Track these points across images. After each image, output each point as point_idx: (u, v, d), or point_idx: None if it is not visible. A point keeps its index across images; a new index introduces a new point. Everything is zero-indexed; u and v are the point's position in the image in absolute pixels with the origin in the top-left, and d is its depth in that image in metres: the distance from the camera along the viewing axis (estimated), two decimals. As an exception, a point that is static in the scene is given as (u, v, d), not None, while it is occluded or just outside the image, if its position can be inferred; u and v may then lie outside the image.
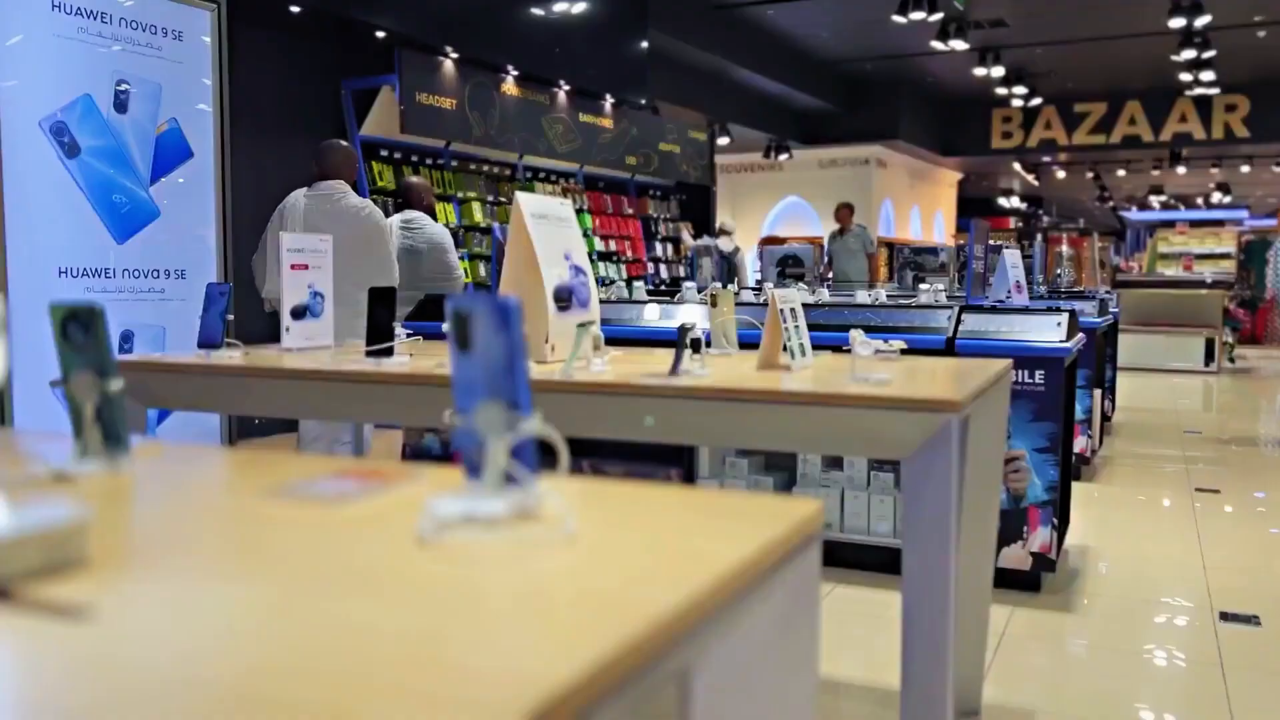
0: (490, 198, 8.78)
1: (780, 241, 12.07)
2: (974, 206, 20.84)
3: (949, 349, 3.40)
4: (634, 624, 0.59)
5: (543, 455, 0.88)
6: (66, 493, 0.92)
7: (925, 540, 1.67)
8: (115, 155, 3.72)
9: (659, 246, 11.19)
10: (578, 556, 0.75)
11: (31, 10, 3.48)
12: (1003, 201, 22.55)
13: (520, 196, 2.35)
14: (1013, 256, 4.18)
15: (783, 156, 14.81)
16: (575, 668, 0.52)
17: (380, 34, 7.08)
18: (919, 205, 17.40)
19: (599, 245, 9.99)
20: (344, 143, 4.36)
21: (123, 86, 3.73)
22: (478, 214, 8.50)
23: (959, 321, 3.49)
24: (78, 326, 1.02)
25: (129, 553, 0.76)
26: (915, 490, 1.67)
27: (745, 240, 13.12)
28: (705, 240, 9.47)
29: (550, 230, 2.45)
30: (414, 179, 5.29)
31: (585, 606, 0.65)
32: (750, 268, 10.74)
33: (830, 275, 8.73)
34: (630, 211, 10.80)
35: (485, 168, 8.90)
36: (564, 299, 2.32)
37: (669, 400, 1.81)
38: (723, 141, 12.94)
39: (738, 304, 4.03)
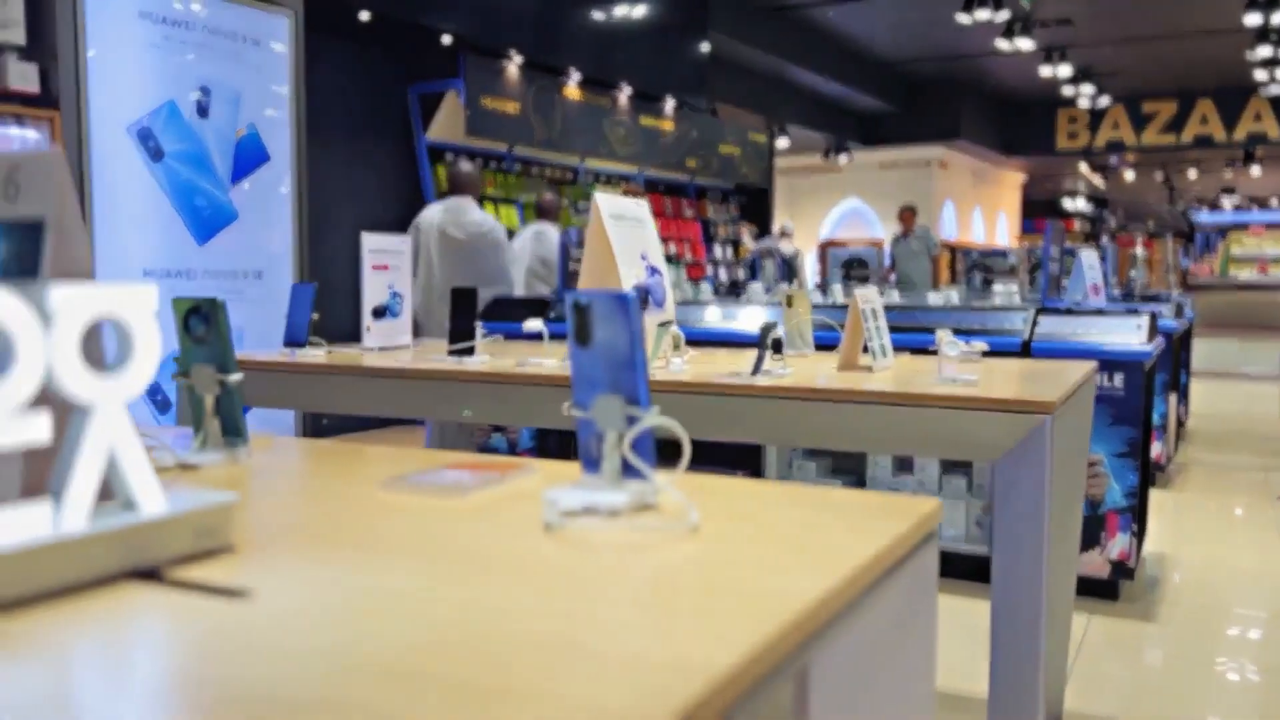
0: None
1: (840, 244, 11.98)
2: (1037, 208, 20.49)
3: (1024, 352, 3.35)
4: (780, 614, 0.59)
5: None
6: (193, 482, 0.95)
7: (1016, 545, 1.65)
8: (197, 159, 3.82)
9: (718, 249, 11.17)
10: (706, 547, 0.76)
11: (120, 19, 3.58)
12: (1067, 203, 22.13)
13: (598, 197, 2.36)
14: (1090, 258, 4.10)
15: (842, 158, 14.69)
16: (734, 655, 0.53)
17: (446, 39, 7.17)
18: (981, 207, 17.15)
19: (658, 248, 9.99)
20: (470, 164, 5.06)
21: (203, 94, 3.83)
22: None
23: (1035, 324, 3.43)
24: (199, 320, 1.05)
25: (268, 538, 0.78)
26: (1006, 494, 1.65)
27: (803, 243, 13.05)
28: (767, 242, 9.44)
29: (627, 231, 2.46)
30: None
31: (727, 596, 0.65)
32: (809, 270, 10.67)
33: (893, 278, 8.65)
34: (690, 214, 10.80)
35: (547, 171, 8.96)
36: (642, 299, 2.33)
37: (753, 400, 1.81)
38: (781, 144, 12.88)
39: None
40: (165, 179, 3.72)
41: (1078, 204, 22.27)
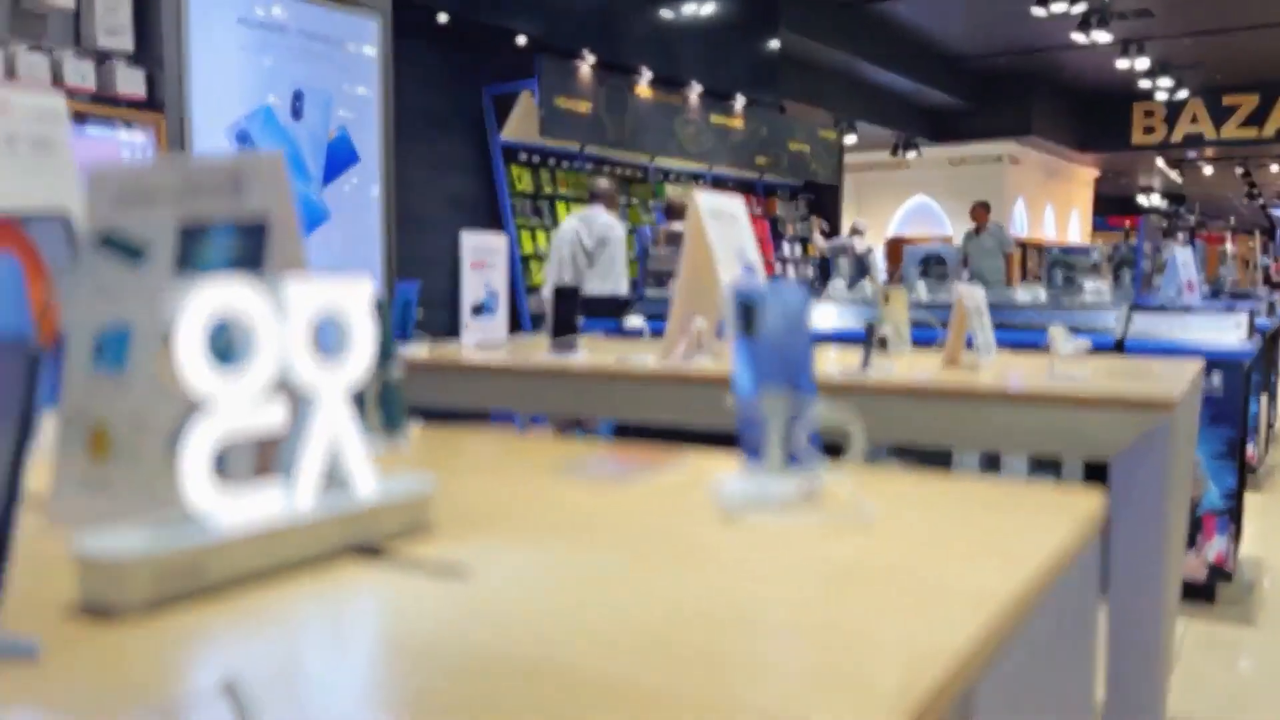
0: (623, 199, 8.89)
1: (908, 241, 11.83)
2: (1111, 205, 20.03)
3: (1118, 349, 3.29)
4: (987, 607, 0.60)
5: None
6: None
7: (1134, 544, 1.63)
8: (291, 161, 3.93)
9: (786, 246, 11.12)
10: (889, 539, 0.77)
11: (220, 25, 3.70)
12: (1142, 199, 21.58)
13: (697, 195, 2.38)
14: (1185, 255, 4.02)
15: (910, 154, 14.52)
16: (961, 643, 0.54)
17: (520, 40, 7.25)
18: (1053, 203, 16.82)
19: (727, 246, 9.98)
20: (606, 180, 6.07)
21: (296, 97, 3.93)
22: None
23: (1129, 321, 3.37)
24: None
25: (464, 520, 0.81)
26: (1124, 493, 1.64)
27: (870, 239, 12.92)
28: (840, 240, 9.38)
29: (724, 228, 2.48)
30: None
31: (929, 587, 0.67)
32: (878, 267, 10.56)
33: (965, 274, 8.53)
34: (758, 211, 10.77)
35: (618, 170, 9.01)
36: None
37: (863, 397, 1.81)
38: (849, 140, 12.78)
39: (865, 303, 3.99)
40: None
41: (1153, 200, 21.71)
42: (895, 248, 10.91)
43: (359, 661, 0.56)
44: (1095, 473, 2.16)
